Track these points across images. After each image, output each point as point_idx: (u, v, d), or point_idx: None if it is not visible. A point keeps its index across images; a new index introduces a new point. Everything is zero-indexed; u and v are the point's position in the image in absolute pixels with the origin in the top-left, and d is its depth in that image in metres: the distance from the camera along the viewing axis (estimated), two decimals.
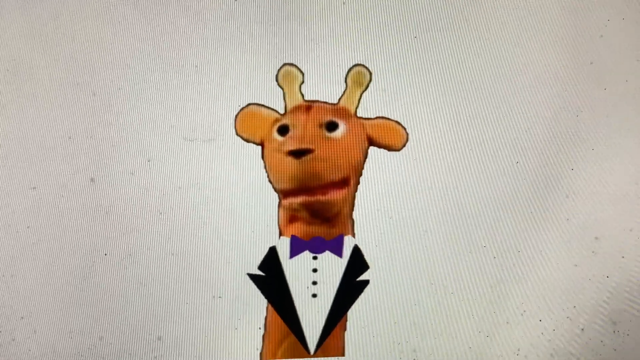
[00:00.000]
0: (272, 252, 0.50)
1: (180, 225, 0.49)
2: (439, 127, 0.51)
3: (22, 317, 0.48)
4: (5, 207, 0.49)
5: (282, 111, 0.51)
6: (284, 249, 0.50)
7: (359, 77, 0.51)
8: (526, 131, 0.51)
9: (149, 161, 0.50)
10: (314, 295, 0.49)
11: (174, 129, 0.50)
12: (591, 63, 0.53)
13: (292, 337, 0.49)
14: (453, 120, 0.51)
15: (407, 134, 0.51)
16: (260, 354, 0.49)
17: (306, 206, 0.50)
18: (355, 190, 0.50)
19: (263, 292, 0.49)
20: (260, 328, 0.49)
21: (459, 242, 0.50)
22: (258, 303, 0.49)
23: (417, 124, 0.51)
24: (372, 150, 0.51)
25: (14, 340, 0.48)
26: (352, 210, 0.50)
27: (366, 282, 0.50)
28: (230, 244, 0.49)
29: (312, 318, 0.49)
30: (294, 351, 0.49)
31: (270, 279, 0.49)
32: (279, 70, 0.51)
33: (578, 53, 0.53)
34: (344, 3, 0.53)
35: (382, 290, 0.50)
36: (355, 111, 0.51)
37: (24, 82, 0.51)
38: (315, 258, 0.50)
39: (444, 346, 0.50)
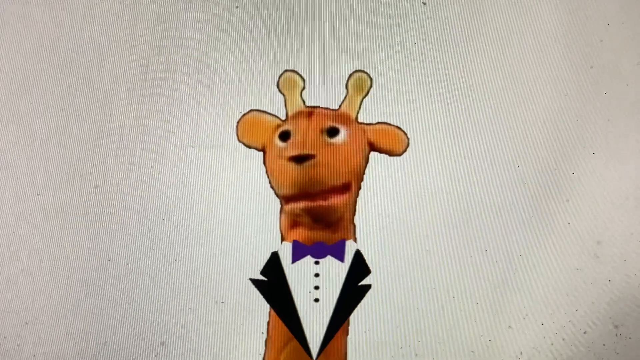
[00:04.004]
0: (274, 257, 0.50)
1: (183, 231, 0.50)
2: (440, 132, 0.51)
3: (27, 323, 0.49)
4: (9, 212, 0.50)
5: (283, 117, 0.51)
6: (286, 254, 0.50)
7: (360, 83, 0.52)
8: (527, 136, 0.51)
9: (152, 167, 0.50)
10: (316, 300, 0.50)
11: (176, 136, 0.51)
12: (591, 67, 0.53)
13: (295, 342, 0.49)
14: (454, 125, 0.51)
15: (408, 139, 0.51)
16: (263, 358, 0.49)
17: (308, 211, 0.50)
18: (357, 196, 0.50)
19: (265, 297, 0.49)
20: (262, 333, 0.49)
21: (460, 246, 0.50)
22: (260, 308, 0.49)
23: (418, 129, 0.51)
24: (373, 155, 0.51)
25: (18, 345, 0.49)
26: (354, 215, 0.50)
27: (368, 287, 0.50)
28: (232, 249, 0.50)
29: (315, 323, 0.49)
30: (297, 356, 0.49)
31: (273, 284, 0.50)
32: (280, 76, 0.52)
33: (578, 57, 0.53)
34: (344, 10, 0.53)
35: (384, 294, 0.50)
36: (356, 117, 0.51)
37: (28, 89, 0.51)
38: (317, 263, 0.50)
39: (446, 350, 0.50)
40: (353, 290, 0.50)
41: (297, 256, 0.50)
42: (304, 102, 0.52)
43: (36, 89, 0.51)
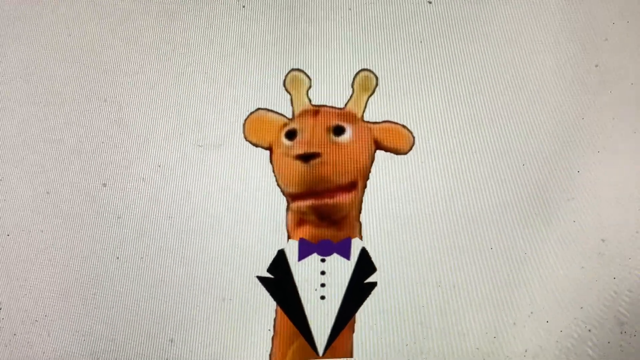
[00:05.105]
0: (281, 255, 0.50)
1: (190, 229, 0.50)
2: (445, 131, 0.52)
3: (36, 320, 0.49)
4: (19, 211, 0.50)
5: (290, 116, 0.52)
6: (292, 251, 0.50)
7: (366, 82, 0.52)
8: (532, 134, 0.51)
9: (159, 166, 0.51)
10: (323, 297, 0.50)
11: (183, 135, 0.51)
12: (596, 66, 0.53)
13: (301, 339, 0.50)
14: (459, 124, 0.52)
15: (414, 138, 0.51)
16: (270, 355, 0.49)
17: (314, 209, 0.50)
18: (363, 194, 0.51)
19: (272, 295, 0.50)
20: (269, 330, 0.49)
21: (465, 244, 0.50)
22: (267, 305, 0.50)
23: (424, 127, 0.52)
24: (379, 153, 0.51)
25: (28, 343, 0.49)
26: (360, 213, 0.51)
27: (374, 284, 0.50)
28: (239, 247, 0.50)
29: (321, 320, 0.50)
30: (303, 353, 0.50)
31: (279, 282, 0.50)
32: (286, 75, 0.52)
33: (583, 56, 0.53)
34: (350, 9, 0.53)
35: (390, 292, 0.50)
36: (362, 115, 0.52)
37: (37, 89, 0.52)
38: (323, 260, 0.50)
39: (451, 347, 0.50)
40: (359, 288, 0.50)
41: (303, 254, 0.50)
42: (310, 100, 0.52)
43: (45, 91, 0.52)
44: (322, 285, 0.50)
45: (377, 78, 0.52)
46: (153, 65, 0.52)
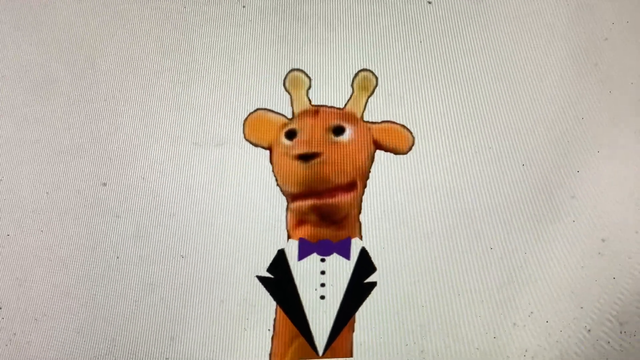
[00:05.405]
0: (281, 255, 0.50)
1: (190, 228, 0.50)
2: (445, 131, 0.52)
3: (36, 320, 0.49)
4: (19, 211, 0.50)
5: (289, 116, 0.52)
6: (292, 251, 0.50)
7: (365, 82, 0.52)
8: (532, 134, 0.51)
9: (159, 166, 0.51)
10: (322, 297, 0.50)
11: (183, 134, 0.51)
12: (596, 65, 0.53)
13: (301, 339, 0.50)
14: (459, 124, 0.52)
15: (413, 138, 0.51)
16: (270, 355, 0.49)
17: (314, 209, 0.50)
18: (362, 194, 0.51)
19: (272, 294, 0.50)
20: (269, 329, 0.50)
21: (465, 244, 0.50)
22: (267, 305, 0.50)
23: (423, 127, 0.52)
24: (379, 153, 0.51)
25: (28, 342, 0.49)
26: (360, 213, 0.51)
27: (374, 284, 0.50)
28: (239, 246, 0.50)
29: (321, 319, 0.50)
30: (303, 352, 0.50)
31: (279, 281, 0.50)
32: (286, 75, 0.52)
33: (583, 56, 0.53)
34: (349, 9, 0.53)
35: (390, 292, 0.50)
36: (362, 115, 0.52)
37: (37, 89, 0.52)
38: (323, 260, 0.50)
39: (451, 347, 0.50)
40: (359, 288, 0.50)
41: (303, 253, 0.50)
42: (310, 100, 0.52)
43: (45, 91, 0.52)
44: (322, 285, 0.50)
45: (376, 78, 0.52)
46: (153, 65, 0.52)
